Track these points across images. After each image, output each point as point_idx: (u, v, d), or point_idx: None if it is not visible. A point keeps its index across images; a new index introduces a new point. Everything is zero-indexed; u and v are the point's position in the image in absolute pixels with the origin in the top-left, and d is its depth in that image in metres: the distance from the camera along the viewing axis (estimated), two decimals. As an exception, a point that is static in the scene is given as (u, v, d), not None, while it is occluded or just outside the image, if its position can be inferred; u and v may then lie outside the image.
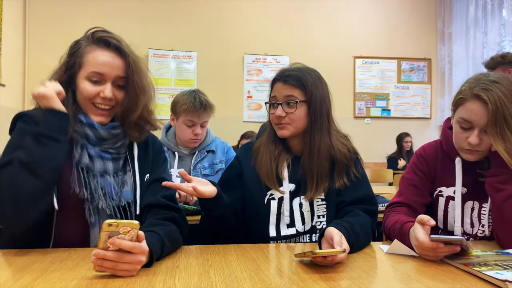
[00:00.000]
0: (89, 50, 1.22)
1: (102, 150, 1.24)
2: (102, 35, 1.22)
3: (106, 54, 1.21)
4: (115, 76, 1.22)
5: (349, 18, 6.14)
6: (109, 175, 1.24)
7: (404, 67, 6.25)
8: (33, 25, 5.39)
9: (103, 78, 1.21)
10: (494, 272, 0.92)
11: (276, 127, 1.41)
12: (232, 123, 5.06)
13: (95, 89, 1.21)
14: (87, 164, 1.21)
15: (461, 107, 1.28)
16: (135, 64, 1.24)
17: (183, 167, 2.21)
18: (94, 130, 1.22)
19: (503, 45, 5.21)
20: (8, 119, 1.24)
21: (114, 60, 1.21)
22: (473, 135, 1.25)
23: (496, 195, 1.25)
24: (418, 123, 6.14)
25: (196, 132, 2.17)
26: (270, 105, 1.43)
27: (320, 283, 0.90)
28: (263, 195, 1.41)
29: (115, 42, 1.22)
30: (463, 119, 1.27)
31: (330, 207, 1.41)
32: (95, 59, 1.20)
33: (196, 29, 5.78)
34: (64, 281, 0.88)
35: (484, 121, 1.23)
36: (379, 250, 1.23)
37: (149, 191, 1.29)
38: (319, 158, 1.37)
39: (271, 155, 1.42)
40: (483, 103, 1.22)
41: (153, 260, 1.00)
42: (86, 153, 1.22)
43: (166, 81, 5.72)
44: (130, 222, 0.90)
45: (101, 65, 1.20)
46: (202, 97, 2.18)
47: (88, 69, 1.20)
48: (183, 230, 1.26)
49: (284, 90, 1.37)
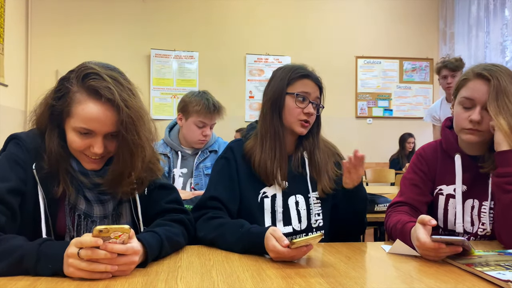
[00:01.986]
0: (78, 99, 1.06)
1: (100, 193, 1.16)
2: (93, 84, 1.05)
3: (96, 108, 1.05)
4: (107, 131, 1.08)
5: (351, 18, 6.14)
6: (107, 218, 1.18)
7: (406, 67, 6.24)
8: (36, 26, 5.40)
9: (93, 132, 1.08)
10: (497, 273, 0.92)
11: (299, 123, 1.41)
12: (234, 123, 5.06)
13: (84, 142, 1.08)
14: (85, 210, 1.15)
15: (464, 88, 1.34)
16: (130, 119, 1.07)
17: (186, 167, 2.21)
18: (88, 178, 1.14)
19: (506, 45, 5.19)
20: (11, 119, 1.23)
21: (106, 115, 1.06)
22: (475, 112, 1.28)
23: (504, 196, 1.24)
24: (420, 123, 6.11)
25: (205, 134, 2.19)
26: (299, 99, 1.40)
27: (322, 283, 0.90)
28: (256, 194, 1.41)
29: (108, 94, 1.05)
30: (466, 98, 1.31)
31: (325, 205, 1.44)
32: (84, 113, 1.05)
33: (198, 29, 5.79)
34: (66, 281, 0.88)
35: (486, 98, 1.27)
36: (381, 250, 1.23)
37: (151, 200, 1.25)
38: (323, 153, 1.48)
39: (270, 155, 1.41)
40: (486, 80, 1.28)
41: (147, 260, 1.00)
42: (82, 197, 1.14)
43: (168, 81, 5.73)
44: (121, 227, 0.90)
45: (91, 121, 1.06)
46: (214, 99, 2.22)
47: (77, 123, 1.07)
48: (190, 232, 1.26)
49: (316, 91, 1.44)
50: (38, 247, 0.91)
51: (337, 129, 5.21)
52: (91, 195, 1.15)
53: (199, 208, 1.37)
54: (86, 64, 1.10)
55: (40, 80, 5.23)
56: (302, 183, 1.44)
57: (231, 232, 1.21)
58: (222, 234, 1.22)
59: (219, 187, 1.40)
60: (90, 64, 1.10)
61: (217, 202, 1.36)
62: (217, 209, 1.35)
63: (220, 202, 1.36)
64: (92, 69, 1.08)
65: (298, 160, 1.45)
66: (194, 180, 2.19)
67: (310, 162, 1.45)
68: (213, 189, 1.40)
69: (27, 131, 1.18)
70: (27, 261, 0.90)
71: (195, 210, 1.38)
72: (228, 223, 1.27)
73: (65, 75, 1.12)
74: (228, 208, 1.37)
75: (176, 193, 1.31)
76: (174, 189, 1.32)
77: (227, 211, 1.37)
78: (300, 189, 1.44)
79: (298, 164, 1.45)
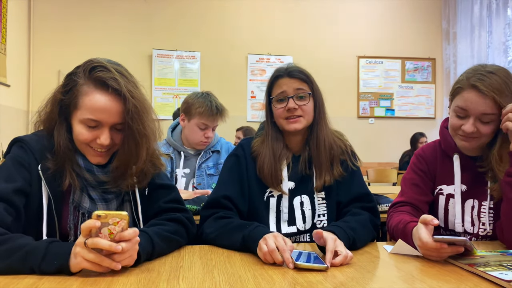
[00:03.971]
0: (85, 91, 1.09)
1: (104, 192, 1.18)
2: (100, 75, 1.09)
3: (103, 99, 1.08)
4: (113, 122, 1.11)
5: (353, 18, 6.13)
6: None
7: (408, 67, 6.24)
8: (38, 26, 5.41)
9: (100, 124, 1.10)
10: (499, 273, 0.92)
11: (286, 122, 1.40)
12: (236, 123, 5.06)
13: (91, 134, 1.11)
14: (89, 208, 1.16)
15: (458, 96, 1.31)
16: (136, 109, 1.11)
17: (189, 167, 2.22)
18: (93, 175, 1.16)
19: (508, 45, 5.19)
20: (13, 119, 1.24)
21: (112, 106, 1.09)
22: (468, 123, 1.27)
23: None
24: (422, 123, 6.12)
25: (207, 135, 2.19)
26: (276, 100, 1.41)
27: (324, 283, 0.91)
28: (263, 193, 1.42)
29: (115, 84, 1.08)
30: (459, 108, 1.29)
31: (330, 206, 1.43)
32: (92, 104, 1.08)
33: (200, 30, 5.80)
34: (68, 281, 0.89)
35: (480, 109, 1.25)
36: (383, 250, 1.23)
37: (151, 201, 1.26)
38: (325, 149, 1.42)
39: (273, 155, 1.41)
40: (479, 92, 1.24)
41: (141, 257, 1.00)
42: (86, 196, 1.16)
43: (169, 81, 5.74)
44: (119, 213, 0.91)
45: (98, 111, 1.08)
46: (218, 101, 2.22)
47: (84, 114, 1.09)
48: (189, 230, 1.26)
49: (293, 84, 1.39)
50: (46, 245, 0.93)
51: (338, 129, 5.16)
52: (95, 194, 1.17)
53: (212, 206, 1.38)
54: (93, 59, 1.14)
55: (42, 81, 5.24)
56: (307, 183, 1.43)
57: (235, 230, 1.21)
58: (227, 231, 1.24)
59: (230, 186, 1.40)
60: (96, 59, 1.13)
61: (228, 201, 1.37)
62: (228, 209, 1.36)
63: (232, 202, 1.37)
64: (98, 63, 1.11)
65: (305, 160, 1.44)
66: (197, 180, 2.20)
67: (314, 162, 1.43)
68: (224, 187, 1.40)
69: (30, 133, 1.19)
70: (33, 258, 0.91)
71: (207, 208, 1.38)
72: (234, 222, 1.27)
73: (72, 70, 1.15)
74: (239, 208, 1.38)
75: (176, 193, 1.32)
76: (174, 189, 1.32)
77: (237, 211, 1.38)
78: (305, 189, 1.43)
79: (305, 164, 1.44)
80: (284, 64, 1.45)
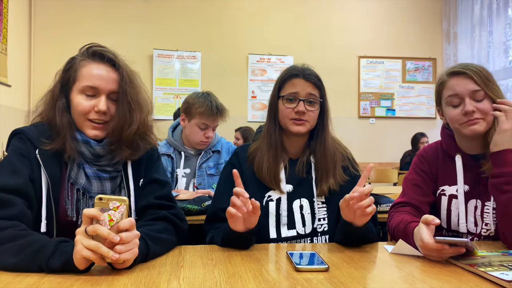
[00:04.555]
0: (83, 64, 1.20)
1: (99, 170, 1.23)
2: (96, 49, 1.21)
3: (100, 68, 1.20)
4: (110, 89, 1.20)
5: (353, 18, 6.13)
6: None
7: (409, 67, 6.23)
8: (39, 26, 5.42)
9: (97, 91, 1.19)
10: (500, 273, 0.92)
11: (291, 123, 1.39)
12: (236, 123, 5.05)
13: (89, 103, 1.18)
14: (84, 185, 1.20)
15: (445, 89, 1.36)
16: (130, 78, 1.22)
17: (189, 167, 2.22)
18: (90, 148, 1.20)
19: (509, 45, 5.18)
20: (14, 119, 1.27)
21: (108, 74, 1.20)
22: (466, 104, 1.30)
23: (502, 196, 1.24)
24: (423, 123, 6.11)
25: (208, 135, 2.20)
26: (286, 99, 1.40)
27: (324, 283, 0.90)
28: (261, 198, 1.41)
29: (110, 55, 1.21)
30: (451, 96, 1.34)
31: (331, 210, 1.41)
32: (89, 73, 1.19)
33: (200, 29, 5.79)
34: (69, 280, 0.89)
35: (468, 88, 1.30)
36: (384, 250, 1.22)
37: (143, 193, 1.28)
38: (330, 154, 1.43)
39: (273, 154, 1.41)
40: (459, 75, 1.32)
41: (135, 261, 0.99)
42: (83, 173, 1.20)
43: (170, 81, 5.74)
44: (119, 198, 0.94)
45: (95, 78, 1.18)
46: (218, 101, 2.23)
47: (82, 83, 1.18)
48: (178, 227, 1.25)
49: (307, 88, 1.40)
50: (57, 243, 0.96)
51: (339, 129, 5.14)
52: (91, 171, 1.22)
53: (212, 221, 1.39)
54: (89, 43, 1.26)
55: (43, 81, 5.17)
56: (307, 187, 1.43)
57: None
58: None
59: (227, 198, 1.34)
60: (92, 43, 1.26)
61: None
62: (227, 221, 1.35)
63: None
64: (95, 43, 1.25)
65: (303, 164, 1.44)
66: (197, 180, 2.20)
67: (316, 166, 1.43)
68: (221, 200, 1.38)
69: (29, 125, 1.24)
70: (42, 254, 0.94)
71: (208, 223, 1.41)
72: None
73: (72, 56, 1.25)
74: None
75: (168, 189, 1.32)
76: (167, 185, 1.33)
77: None
78: (305, 193, 1.42)
79: (303, 168, 1.43)
80: (299, 64, 1.46)
